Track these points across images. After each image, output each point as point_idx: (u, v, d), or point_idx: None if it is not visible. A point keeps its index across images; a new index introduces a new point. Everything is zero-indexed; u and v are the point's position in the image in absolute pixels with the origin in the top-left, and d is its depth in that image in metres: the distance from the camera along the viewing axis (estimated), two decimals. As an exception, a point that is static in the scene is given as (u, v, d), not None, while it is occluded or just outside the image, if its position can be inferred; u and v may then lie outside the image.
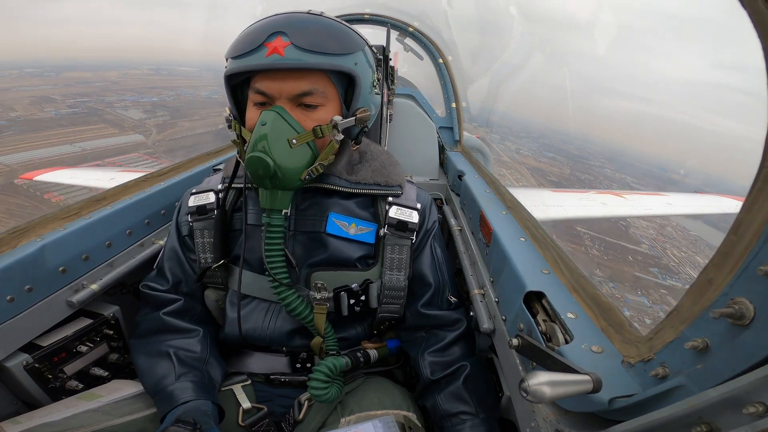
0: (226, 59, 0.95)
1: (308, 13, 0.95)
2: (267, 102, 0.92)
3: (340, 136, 0.95)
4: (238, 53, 0.90)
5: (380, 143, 1.68)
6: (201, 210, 1.08)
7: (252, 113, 0.94)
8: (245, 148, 0.96)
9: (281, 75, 0.90)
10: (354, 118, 0.96)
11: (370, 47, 1.04)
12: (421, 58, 2.63)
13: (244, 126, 0.97)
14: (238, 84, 0.99)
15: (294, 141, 0.89)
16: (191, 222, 1.09)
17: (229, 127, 0.99)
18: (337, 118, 0.93)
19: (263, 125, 0.87)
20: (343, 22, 0.98)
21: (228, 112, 0.99)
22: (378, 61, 1.10)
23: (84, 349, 1.10)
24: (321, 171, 0.95)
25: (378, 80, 1.07)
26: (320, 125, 0.92)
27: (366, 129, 1.04)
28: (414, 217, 1.08)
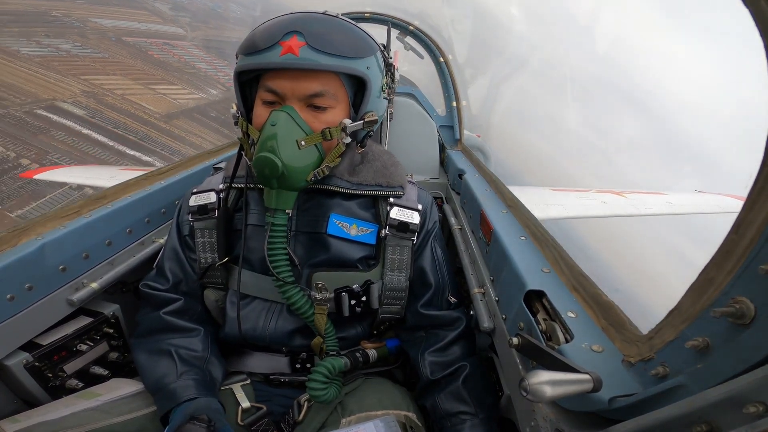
0: (237, 56, 0.95)
1: (324, 13, 0.95)
2: (277, 101, 0.92)
3: (348, 139, 0.95)
4: (251, 50, 0.90)
5: (381, 142, 1.68)
6: (202, 210, 1.08)
7: (260, 111, 0.94)
8: (251, 144, 0.97)
9: (294, 75, 0.90)
10: (362, 121, 0.96)
11: (382, 51, 1.03)
12: (422, 57, 2.63)
13: (251, 123, 0.97)
14: (246, 81, 0.99)
15: (302, 142, 0.89)
16: (192, 222, 1.09)
17: (236, 123, 0.99)
18: (347, 122, 0.93)
19: (273, 125, 0.87)
20: (358, 25, 0.98)
21: (235, 108, 0.99)
22: (388, 65, 1.10)
23: (84, 347, 1.10)
24: (326, 173, 0.96)
25: (387, 85, 1.07)
26: (329, 127, 0.92)
27: (372, 132, 1.05)
28: (415, 218, 1.07)
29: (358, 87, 0.97)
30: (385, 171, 1.09)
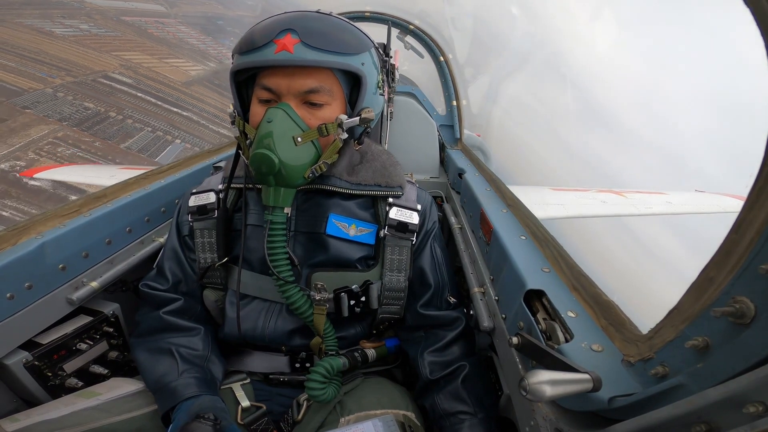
0: (233, 55, 0.96)
1: (317, 12, 0.96)
2: (273, 99, 0.93)
3: (345, 135, 0.96)
4: (247, 49, 0.91)
5: (381, 141, 1.68)
6: (201, 210, 1.08)
7: (257, 109, 0.95)
8: (248, 143, 0.97)
9: (289, 72, 0.90)
10: (359, 117, 0.97)
11: (377, 48, 1.04)
12: (422, 56, 2.63)
13: (248, 122, 0.97)
14: (242, 81, 0.99)
15: (299, 139, 0.90)
16: (191, 222, 1.09)
17: (233, 122, 1.00)
18: (343, 117, 0.94)
19: (269, 122, 0.88)
20: (351, 23, 0.99)
21: (232, 107, 1.00)
22: (383, 62, 1.10)
23: (84, 346, 1.10)
24: (324, 170, 0.96)
25: (383, 81, 1.07)
26: (325, 123, 0.92)
27: (369, 129, 1.05)
28: (414, 219, 1.07)
29: (353, 83, 0.98)
30: (384, 171, 1.09)
